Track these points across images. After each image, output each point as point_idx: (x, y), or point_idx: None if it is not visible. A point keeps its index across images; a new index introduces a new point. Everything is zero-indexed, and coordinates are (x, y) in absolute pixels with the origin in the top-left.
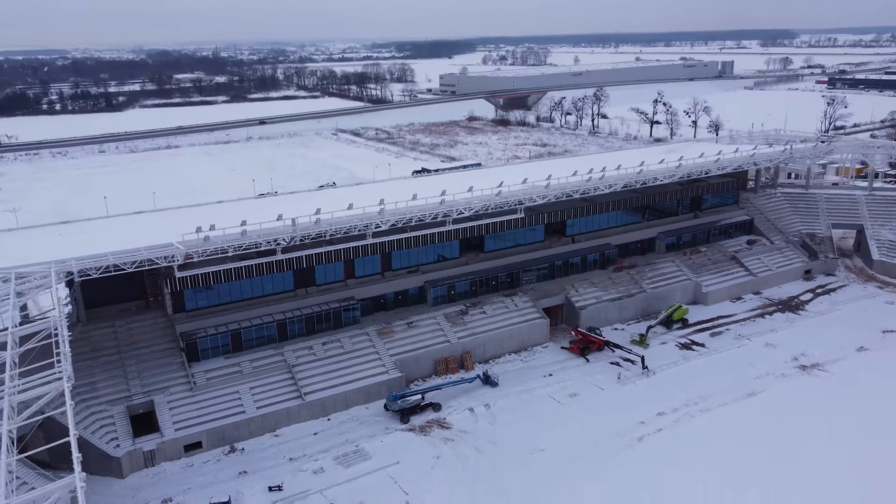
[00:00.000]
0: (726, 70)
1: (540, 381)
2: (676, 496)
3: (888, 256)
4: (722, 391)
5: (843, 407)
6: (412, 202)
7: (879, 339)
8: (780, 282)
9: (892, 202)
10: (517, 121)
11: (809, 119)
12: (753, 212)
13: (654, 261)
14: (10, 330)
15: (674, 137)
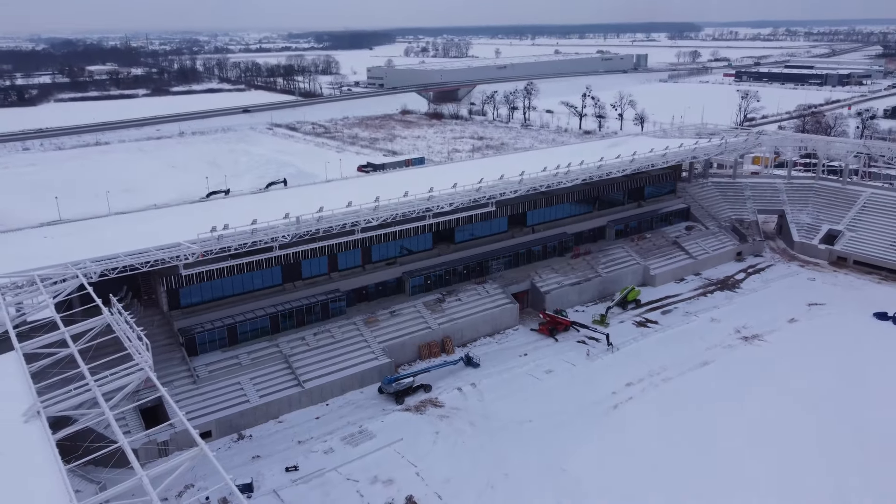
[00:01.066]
0: (641, 63)
1: (517, 361)
2: (653, 454)
3: (806, 238)
4: (679, 362)
5: (782, 370)
6: (403, 198)
7: (806, 311)
8: (716, 263)
9: (807, 189)
10: (451, 114)
11: (724, 111)
12: (689, 200)
13: (606, 247)
14: (65, 330)
15: (602, 129)
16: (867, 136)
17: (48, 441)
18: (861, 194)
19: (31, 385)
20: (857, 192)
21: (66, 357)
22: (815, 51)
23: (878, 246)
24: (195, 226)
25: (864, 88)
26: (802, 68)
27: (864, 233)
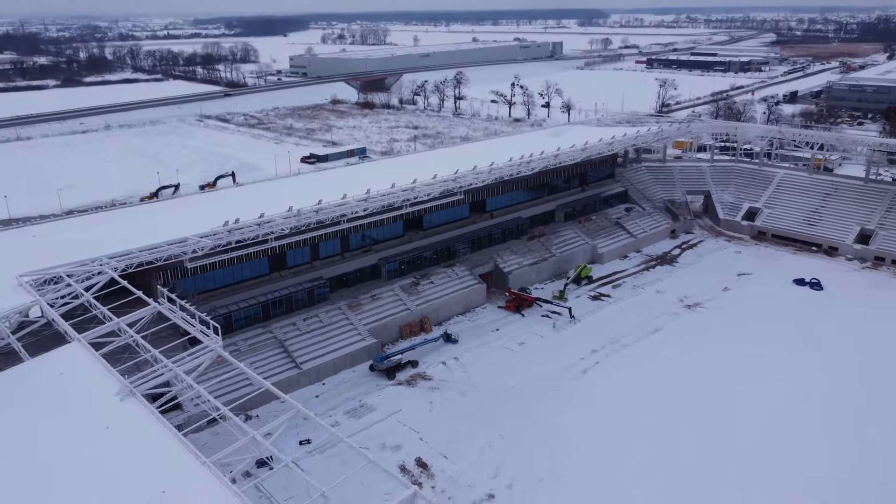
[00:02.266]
0: (557, 50)
1: (491, 336)
2: (624, 409)
3: (730, 215)
4: (633, 330)
5: (721, 332)
6: (390, 189)
7: (736, 280)
8: (654, 241)
9: (729, 171)
10: (382, 103)
11: (642, 98)
12: (626, 184)
13: (557, 229)
14: (119, 320)
15: (530, 118)
16: (773, 120)
17: (153, 414)
18: (775, 175)
19: (109, 369)
20: (772, 173)
21: (122, 345)
22: (715, 38)
23: (792, 221)
24: (189, 221)
25: (763, 74)
26: (707, 55)
27: (779, 209)
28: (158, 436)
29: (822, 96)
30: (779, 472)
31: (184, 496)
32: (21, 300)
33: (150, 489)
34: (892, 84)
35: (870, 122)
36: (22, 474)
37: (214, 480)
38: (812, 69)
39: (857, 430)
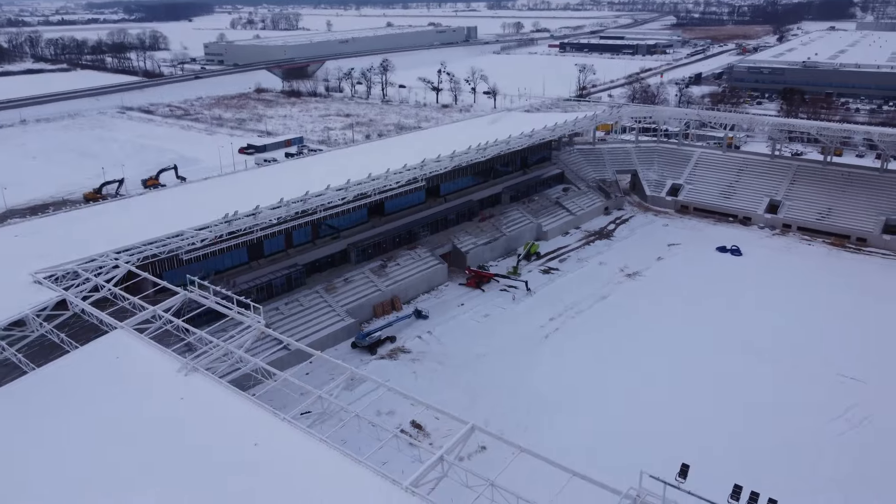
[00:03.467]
0: (471, 35)
1: (457, 310)
2: (586, 366)
3: (655, 191)
4: (584, 298)
5: (659, 295)
6: (366, 180)
7: (667, 250)
8: (590, 218)
9: (652, 151)
10: (308, 91)
11: (561, 82)
12: (561, 166)
13: (505, 211)
14: (155, 308)
15: (458, 103)
16: (684, 102)
17: (221, 383)
18: (693, 153)
19: (163, 350)
20: (690, 152)
21: (161, 330)
22: (620, 21)
23: (711, 195)
24: (173, 215)
25: (668, 57)
26: (616, 39)
27: (699, 185)
28: (232, 400)
29: (724, 77)
30: (718, 398)
31: (274, 446)
32: (44, 295)
33: (242, 443)
34: (786, 66)
35: (767, 101)
36: (123, 442)
37: (295, 430)
38: (712, 51)
39: (773, 364)
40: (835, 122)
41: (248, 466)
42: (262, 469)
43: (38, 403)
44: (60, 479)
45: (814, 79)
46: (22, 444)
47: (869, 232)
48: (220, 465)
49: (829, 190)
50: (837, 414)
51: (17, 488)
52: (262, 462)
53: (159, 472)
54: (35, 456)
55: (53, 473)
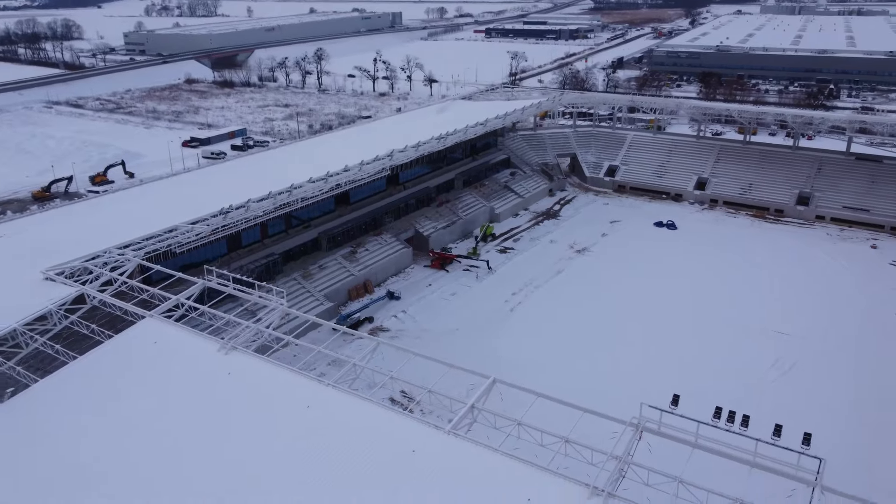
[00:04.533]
0: (397, 20)
1: (426, 290)
2: (551, 332)
3: (594, 173)
4: (540, 274)
5: (608, 267)
6: (343, 172)
7: (610, 226)
8: (537, 199)
9: (589, 135)
10: (242, 81)
11: (492, 68)
12: (507, 151)
13: (459, 195)
14: (178, 297)
15: (394, 91)
16: (611, 86)
17: (262, 358)
18: (627, 136)
19: (198, 333)
20: (623, 135)
21: (183, 317)
22: (540, 5)
23: (645, 174)
24: (155, 210)
25: (590, 41)
26: (539, 24)
27: (633, 165)
28: (276, 371)
29: (644, 61)
30: (674, 349)
31: (325, 407)
32: (61, 291)
33: (295, 406)
34: (701, 50)
35: (686, 84)
36: (191, 413)
37: (341, 393)
38: (630, 35)
39: (714, 321)
40: (748, 102)
41: (306, 425)
42: (319, 426)
43: (98, 387)
44: (155, 448)
45: (727, 62)
46: (103, 423)
47: (785, 204)
48: (282, 426)
49: (749, 167)
50: (770, 363)
51: (118, 454)
52: (318, 420)
53: (230, 434)
54: (120, 430)
55: (147, 443)
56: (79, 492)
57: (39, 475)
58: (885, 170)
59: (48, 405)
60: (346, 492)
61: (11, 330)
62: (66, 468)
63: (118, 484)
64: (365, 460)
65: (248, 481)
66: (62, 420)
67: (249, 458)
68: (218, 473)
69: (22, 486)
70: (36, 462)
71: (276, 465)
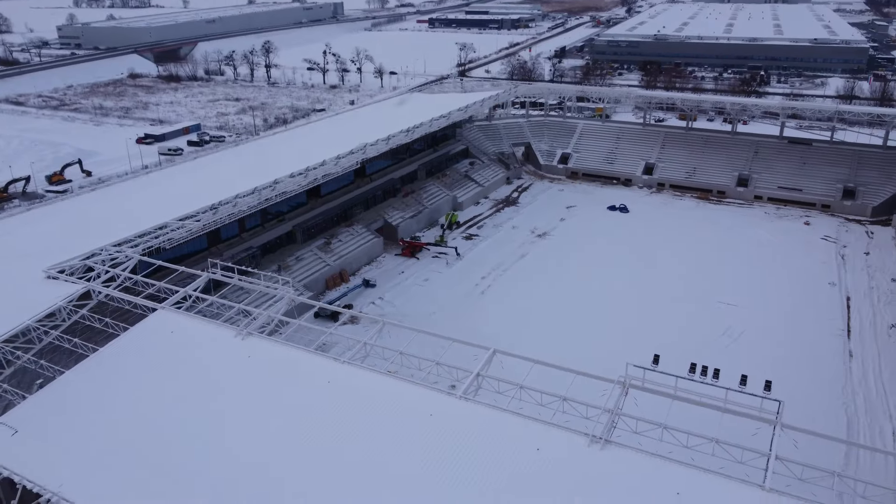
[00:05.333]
0: (338, 11)
1: (399, 278)
2: (522, 310)
3: (548, 161)
4: (506, 258)
5: (568, 249)
6: (321, 166)
7: (567, 211)
8: (496, 188)
9: (542, 125)
10: (188, 76)
11: (440, 59)
12: (465, 142)
13: (423, 186)
14: (186, 289)
15: (345, 84)
16: (558, 76)
17: (277, 341)
18: (578, 125)
19: (212, 321)
20: (574, 124)
21: (192, 308)
22: None
23: (596, 161)
24: (134, 208)
25: (532, 31)
26: (481, 14)
27: (585, 153)
28: (293, 352)
29: (586, 50)
30: (637, 319)
31: (344, 382)
32: (67, 289)
33: (316, 382)
34: (640, 39)
35: (627, 73)
36: (225, 392)
37: (356, 368)
38: (570, 24)
39: (669, 295)
40: (688, 89)
41: (329, 398)
42: (340, 398)
43: (127, 373)
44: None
45: (665, 50)
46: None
47: (726, 185)
48: (306, 400)
49: (692, 152)
50: (721, 331)
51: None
52: (339, 393)
53: (261, 408)
54: (160, 410)
55: (190, 418)
56: (142, 470)
57: (100, 450)
58: (815, 152)
59: (84, 392)
60: (374, 451)
61: (25, 327)
62: (121, 445)
63: (177, 459)
64: (387, 424)
65: (284, 449)
66: (101, 403)
67: (283, 429)
68: (255, 442)
69: (85, 466)
70: (94, 439)
71: (307, 434)
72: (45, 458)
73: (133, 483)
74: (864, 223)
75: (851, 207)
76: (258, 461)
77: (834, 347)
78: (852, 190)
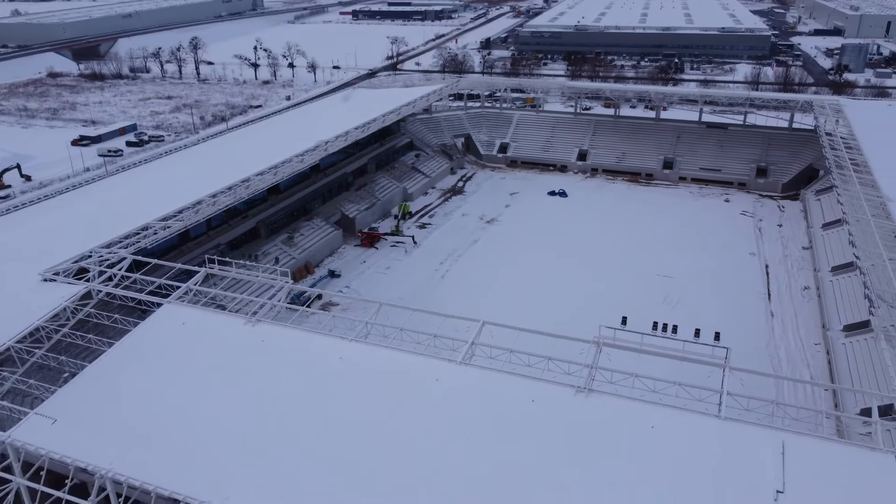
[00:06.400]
0: (258, 3)
1: (362, 267)
2: (476, 290)
3: (488, 150)
4: (460, 244)
5: (516, 233)
6: (288, 164)
7: (511, 198)
8: (441, 178)
9: (480, 116)
10: (113, 73)
11: (370, 52)
12: (409, 135)
13: (374, 178)
14: (188, 285)
15: (277, 79)
16: (488, 67)
17: (286, 325)
18: (514, 116)
19: (220, 311)
20: (510, 115)
21: (195, 301)
22: None
23: (533, 149)
24: (110, 210)
25: (456, 22)
26: (404, 5)
27: (522, 142)
28: (303, 335)
29: (510, 41)
30: (587, 293)
31: (354, 357)
32: (68, 290)
33: (329, 358)
34: (562, 29)
35: (552, 63)
36: (243, 373)
37: (363, 345)
38: (492, 14)
39: (612, 269)
40: (611, 78)
41: (342, 371)
42: (353, 370)
43: (151, 362)
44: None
45: (586, 40)
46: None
47: (654, 169)
48: (322, 374)
49: (621, 138)
50: (661, 299)
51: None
52: (352, 366)
53: (282, 383)
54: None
55: (222, 399)
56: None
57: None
58: (730, 135)
59: (113, 381)
60: (396, 413)
61: (35, 327)
62: (159, 426)
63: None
64: (401, 389)
65: (312, 416)
66: (132, 390)
67: (308, 398)
68: (287, 414)
69: (129, 446)
70: (132, 422)
71: (327, 404)
72: (89, 441)
73: (178, 457)
74: (776, 198)
75: (764, 185)
76: (294, 430)
77: (757, 309)
78: (764, 169)
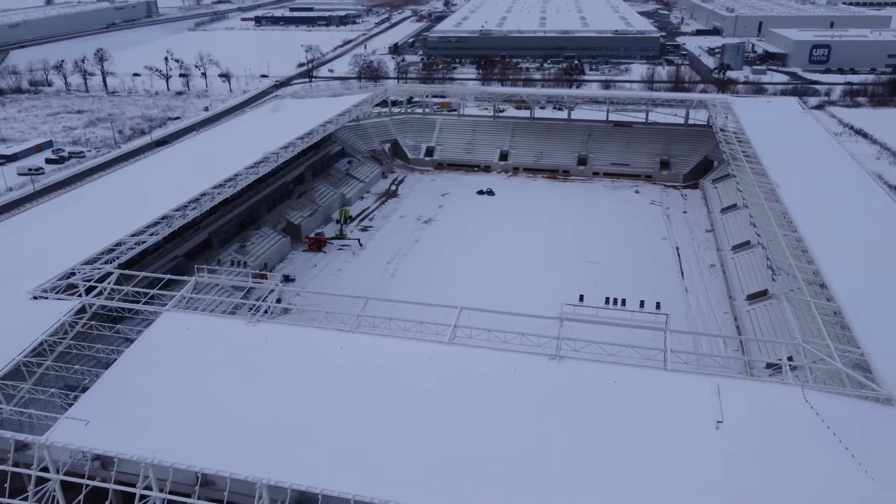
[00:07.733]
0: (153, 10)
1: (314, 271)
2: (424, 285)
3: (415, 154)
4: (403, 244)
5: (453, 231)
6: (240, 177)
7: (443, 198)
8: (374, 182)
9: (405, 122)
10: (11, 88)
11: (282, 59)
12: (340, 142)
13: (313, 186)
14: (181, 292)
15: (191, 89)
16: (403, 73)
17: (284, 324)
18: (437, 120)
19: (220, 315)
20: (434, 120)
21: (190, 307)
22: None
23: (457, 152)
24: (91, 224)
25: (361, 27)
26: (306, 10)
27: (446, 145)
28: (302, 330)
29: (418, 46)
30: (531, 277)
31: (354, 346)
32: (62, 306)
33: (331, 349)
34: (468, 34)
35: (461, 67)
36: (257, 366)
37: (359, 335)
38: (395, 19)
39: (545, 257)
40: (519, 81)
41: (346, 358)
42: (356, 357)
43: (169, 364)
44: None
45: (491, 44)
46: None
47: (569, 165)
48: (328, 362)
49: (538, 138)
50: (593, 282)
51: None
52: (353, 353)
53: (294, 370)
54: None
55: (244, 389)
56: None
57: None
58: (635, 133)
59: (134, 383)
60: (399, 389)
61: (39, 342)
62: (187, 419)
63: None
64: (399, 368)
65: (325, 396)
66: (155, 390)
67: (315, 383)
68: (300, 395)
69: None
70: (161, 417)
71: (336, 386)
72: (126, 436)
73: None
74: (679, 188)
75: (668, 176)
76: (308, 409)
77: (674, 286)
78: (667, 162)
